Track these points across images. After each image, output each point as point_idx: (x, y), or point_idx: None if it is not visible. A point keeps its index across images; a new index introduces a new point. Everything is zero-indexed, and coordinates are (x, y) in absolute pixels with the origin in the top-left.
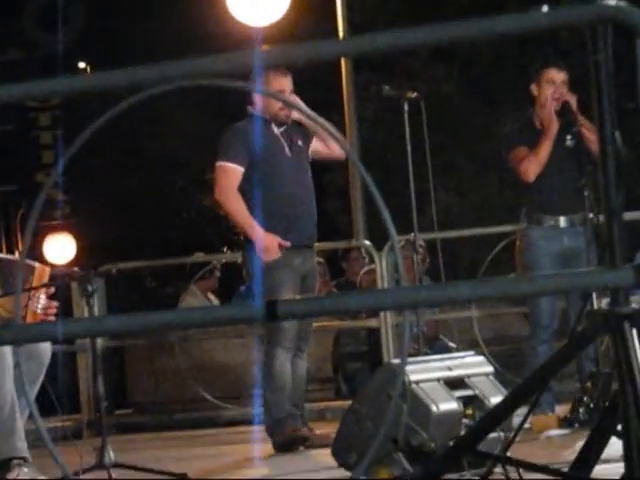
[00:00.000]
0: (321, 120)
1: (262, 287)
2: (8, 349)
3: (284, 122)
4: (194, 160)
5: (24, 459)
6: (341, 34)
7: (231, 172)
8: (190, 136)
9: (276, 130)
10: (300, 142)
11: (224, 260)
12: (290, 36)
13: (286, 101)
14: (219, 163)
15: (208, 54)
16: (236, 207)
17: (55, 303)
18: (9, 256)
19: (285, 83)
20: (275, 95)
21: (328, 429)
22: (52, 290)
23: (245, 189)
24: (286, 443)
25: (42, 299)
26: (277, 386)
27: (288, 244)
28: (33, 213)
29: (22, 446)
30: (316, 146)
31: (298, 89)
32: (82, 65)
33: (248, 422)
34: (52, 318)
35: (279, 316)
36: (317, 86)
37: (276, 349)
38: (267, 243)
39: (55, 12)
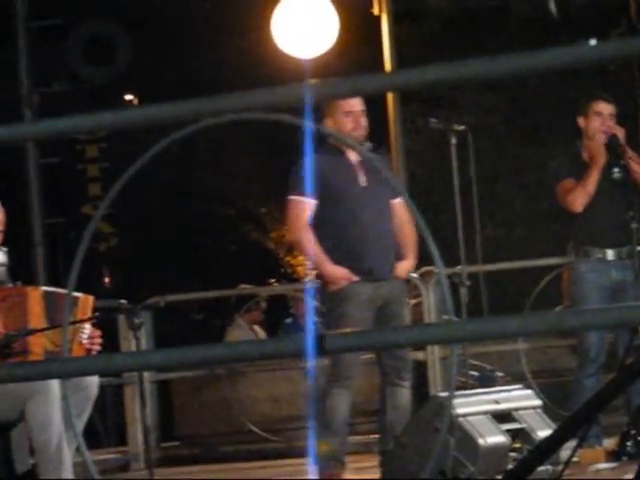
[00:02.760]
0: (372, 156)
1: (329, 319)
2: (56, 382)
3: (361, 142)
4: (243, 193)
5: None
6: (387, 65)
7: (301, 205)
8: (239, 169)
9: (352, 158)
10: (388, 172)
11: (270, 293)
12: (336, 67)
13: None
14: (290, 197)
15: (257, 86)
16: (305, 241)
17: (99, 332)
18: (57, 290)
19: (354, 104)
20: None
21: (375, 462)
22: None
23: (316, 221)
24: None
25: (87, 328)
26: (325, 424)
27: (355, 278)
28: (82, 246)
29: (69, 479)
30: None
31: None
32: (129, 97)
33: (294, 455)
34: (97, 346)
35: (328, 350)
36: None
37: (330, 384)
38: (336, 274)
39: (101, 44)
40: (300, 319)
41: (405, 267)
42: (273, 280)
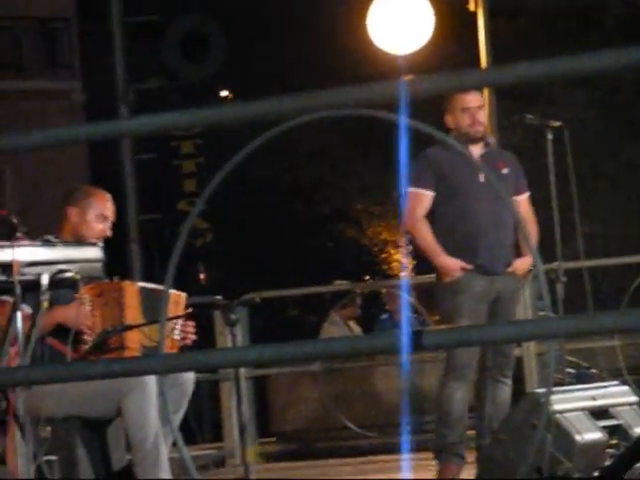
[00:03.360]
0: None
1: (442, 311)
2: (152, 378)
3: (477, 139)
4: (339, 190)
5: None
6: (483, 61)
7: (418, 198)
8: (335, 166)
9: (474, 153)
10: (505, 170)
11: (365, 289)
12: (432, 63)
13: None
14: (409, 189)
15: (352, 83)
16: (421, 233)
17: (192, 323)
18: (154, 285)
19: (470, 100)
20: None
21: (472, 458)
22: (188, 313)
23: (434, 214)
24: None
25: (179, 323)
26: (441, 416)
27: (470, 267)
28: (179, 243)
29: (165, 476)
30: None
31: (436, 118)
32: (224, 93)
33: (391, 451)
34: (192, 336)
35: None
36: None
37: (446, 377)
38: (449, 265)
39: (196, 41)
40: (395, 315)
41: (524, 264)
42: (368, 277)
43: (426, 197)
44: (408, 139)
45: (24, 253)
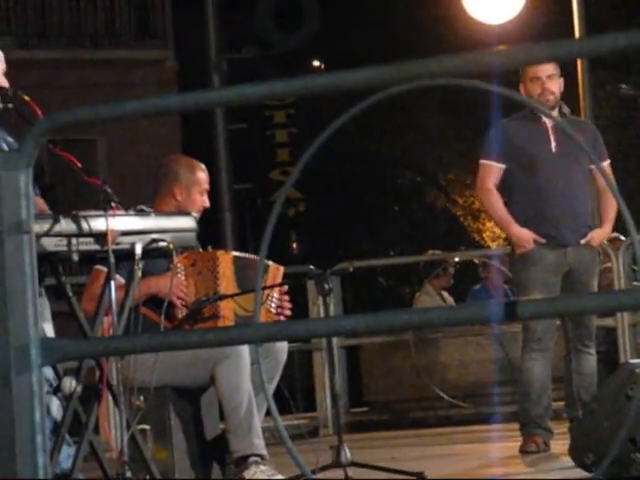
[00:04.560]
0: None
1: (515, 282)
2: (246, 347)
3: (548, 108)
4: (430, 159)
5: (262, 457)
6: (577, 31)
7: (489, 169)
8: (427, 136)
9: (547, 123)
10: (580, 138)
11: (459, 258)
12: (525, 33)
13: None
14: (480, 160)
15: (446, 52)
16: (492, 204)
17: (287, 298)
18: (247, 255)
19: (538, 70)
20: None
21: (564, 428)
22: (285, 288)
23: (506, 184)
24: (521, 451)
25: (275, 297)
26: (523, 388)
27: (543, 240)
28: (273, 212)
29: (259, 444)
30: None
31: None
32: (316, 64)
33: (483, 421)
34: (287, 312)
35: (519, 317)
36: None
37: (524, 349)
38: (521, 236)
39: (290, 11)
40: (488, 285)
41: (600, 235)
42: (462, 247)
43: (496, 169)
44: (501, 107)
45: (118, 222)
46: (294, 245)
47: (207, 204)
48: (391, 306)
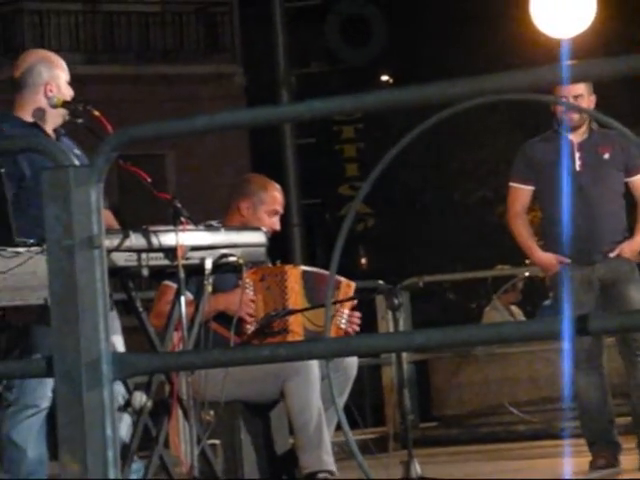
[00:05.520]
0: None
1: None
2: (316, 362)
3: (574, 127)
4: (499, 173)
5: (331, 473)
6: None
7: (516, 192)
8: (495, 149)
9: (573, 141)
10: (607, 155)
11: (527, 273)
12: (594, 47)
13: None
14: (509, 183)
15: (514, 67)
16: (517, 229)
17: (358, 314)
18: (316, 270)
19: (568, 89)
20: (580, 109)
21: (633, 444)
22: (355, 303)
23: (541, 206)
24: (591, 467)
25: (345, 313)
26: (581, 406)
27: (567, 260)
28: (344, 228)
29: (329, 460)
30: None
31: (610, 99)
32: (384, 78)
33: (554, 436)
34: (357, 328)
35: (589, 332)
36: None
37: (576, 368)
38: (545, 261)
39: (358, 25)
40: (558, 300)
41: (630, 246)
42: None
43: (524, 191)
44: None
45: (188, 237)
46: (362, 260)
47: (277, 227)
48: (458, 321)
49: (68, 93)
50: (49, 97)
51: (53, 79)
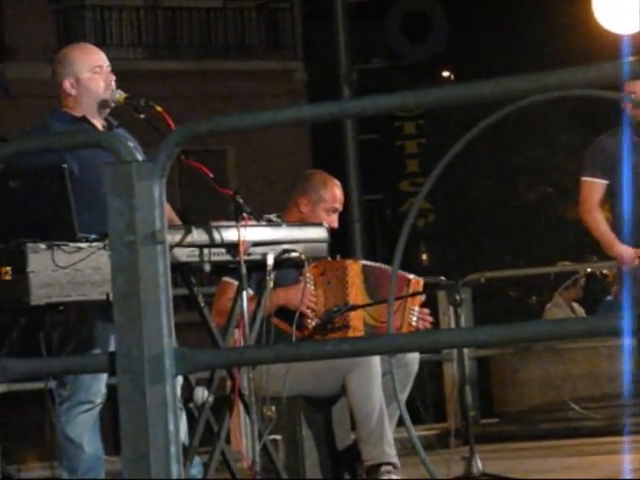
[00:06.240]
0: None
1: (621, 298)
2: (377, 357)
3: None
4: (561, 170)
5: (394, 465)
6: None
7: (591, 187)
8: (557, 145)
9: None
10: None
11: (589, 269)
12: None
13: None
14: (581, 178)
15: (576, 62)
16: (595, 223)
17: (427, 310)
18: (377, 264)
19: (631, 84)
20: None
21: None
22: (422, 299)
23: (608, 199)
24: None
25: (416, 310)
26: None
27: None
28: (407, 224)
29: (391, 452)
30: None
31: None
32: (446, 74)
33: (615, 433)
34: (428, 325)
35: None
36: None
37: (637, 364)
38: (624, 254)
39: (419, 21)
40: (621, 297)
41: None
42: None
43: (598, 186)
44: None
45: (250, 233)
46: (423, 256)
47: (335, 224)
48: (519, 317)
49: (100, 81)
50: (90, 90)
51: (71, 74)
